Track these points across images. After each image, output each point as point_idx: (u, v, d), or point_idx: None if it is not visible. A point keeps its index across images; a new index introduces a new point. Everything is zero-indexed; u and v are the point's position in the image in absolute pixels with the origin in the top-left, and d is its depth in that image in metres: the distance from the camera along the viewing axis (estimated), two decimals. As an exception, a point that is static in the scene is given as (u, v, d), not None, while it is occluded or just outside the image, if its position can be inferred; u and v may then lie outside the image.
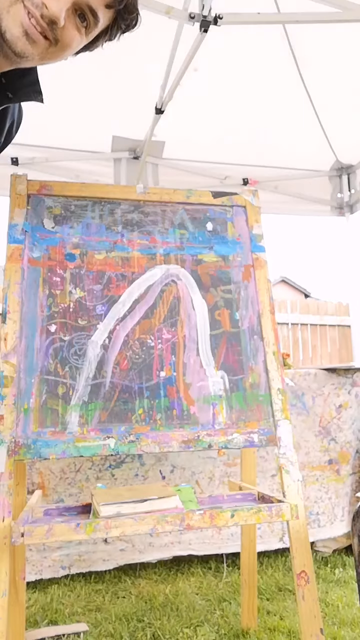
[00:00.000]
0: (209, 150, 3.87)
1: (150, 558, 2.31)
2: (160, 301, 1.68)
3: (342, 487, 2.53)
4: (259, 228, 1.83)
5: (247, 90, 3.37)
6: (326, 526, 2.49)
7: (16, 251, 1.61)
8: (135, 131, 3.65)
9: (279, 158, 4.03)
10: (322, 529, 2.47)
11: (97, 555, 2.25)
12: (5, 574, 1.31)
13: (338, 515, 2.52)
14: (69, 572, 2.23)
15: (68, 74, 3.17)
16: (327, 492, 2.51)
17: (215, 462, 2.37)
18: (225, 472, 2.38)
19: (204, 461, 2.35)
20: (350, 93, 3.39)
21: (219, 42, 2.58)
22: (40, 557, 2.20)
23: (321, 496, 2.50)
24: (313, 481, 2.49)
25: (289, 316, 6.50)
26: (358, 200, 4.22)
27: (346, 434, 2.53)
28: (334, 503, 2.52)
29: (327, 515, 2.50)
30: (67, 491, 2.20)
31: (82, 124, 3.51)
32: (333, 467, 2.52)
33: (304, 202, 4.24)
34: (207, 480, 2.35)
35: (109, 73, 3.21)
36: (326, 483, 2.51)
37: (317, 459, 2.49)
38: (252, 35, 2.97)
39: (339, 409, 2.51)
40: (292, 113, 3.59)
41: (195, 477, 2.34)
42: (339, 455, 2.52)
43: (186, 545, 2.33)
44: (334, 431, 2.51)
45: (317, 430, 2.48)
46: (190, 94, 3.07)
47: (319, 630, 1.43)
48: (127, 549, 2.28)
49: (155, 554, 2.31)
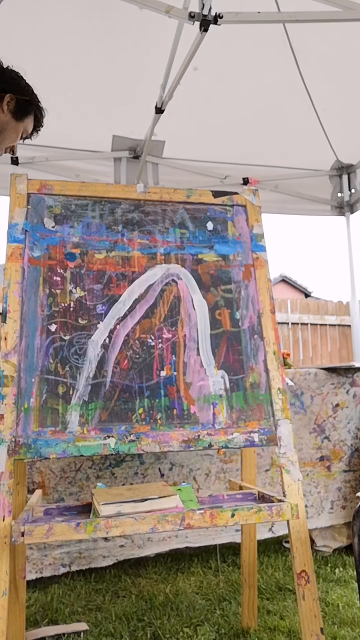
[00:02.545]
0: (209, 149, 3.87)
1: (148, 552, 2.34)
2: (161, 301, 1.68)
3: (332, 482, 2.58)
4: (260, 227, 1.83)
5: (247, 90, 3.37)
6: (313, 517, 2.55)
7: (16, 250, 1.60)
8: (135, 130, 3.65)
9: (279, 158, 4.02)
10: (309, 520, 2.52)
11: (97, 552, 2.26)
12: (6, 574, 1.31)
13: (326, 507, 2.58)
14: (69, 570, 2.23)
15: (68, 74, 3.17)
16: (316, 487, 2.56)
17: (212, 459, 2.40)
18: (222, 468, 2.41)
19: (201, 458, 2.38)
20: (350, 93, 3.39)
21: (219, 42, 2.58)
22: (41, 555, 2.20)
23: (310, 490, 2.56)
24: (303, 476, 2.53)
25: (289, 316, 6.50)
26: (358, 199, 4.22)
27: (340, 432, 2.55)
28: (323, 497, 2.58)
29: (315, 507, 2.56)
30: (68, 490, 2.20)
31: (82, 124, 3.51)
32: (324, 463, 2.56)
33: (304, 202, 4.24)
34: (203, 476, 2.38)
35: (109, 72, 3.21)
36: (316, 478, 2.56)
37: (309, 455, 2.53)
38: (252, 35, 2.97)
39: (336, 408, 2.53)
40: (292, 113, 3.59)
41: (193, 474, 2.37)
42: (331, 453, 2.56)
43: (183, 539, 2.37)
44: (328, 430, 2.54)
45: (311, 428, 2.51)
46: (190, 93, 3.06)
47: (319, 629, 1.43)
48: (126, 544, 2.31)
49: (153, 548, 2.35)
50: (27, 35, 2.93)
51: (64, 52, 3.04)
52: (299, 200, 4.21)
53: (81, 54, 3.08)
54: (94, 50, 3.08)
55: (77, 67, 3.14)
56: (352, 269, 4.28)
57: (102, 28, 2.95)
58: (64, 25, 2.91)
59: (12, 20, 2.79)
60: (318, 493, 2.56)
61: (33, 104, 1.85)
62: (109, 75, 3.23)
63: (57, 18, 2.86)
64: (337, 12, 2.31)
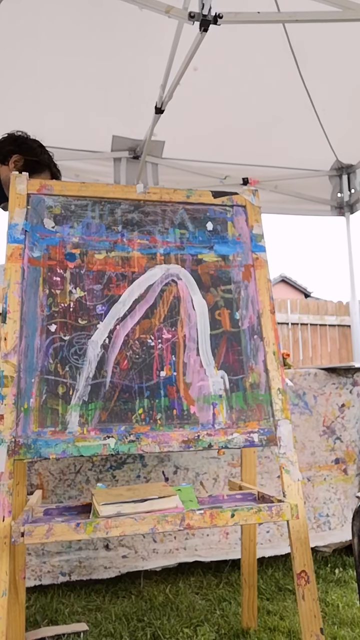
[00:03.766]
0: (209, 150, 3.87)
1: (154, 565, 2.22)
2: (161, 301, 1.68)
3: (350, 487, 2.49)
4: (259, 228, 1.83)
5: (247, 90, 3.37)
6: (337, 529, 2.43)
7: (16, 251, 1.60)
8: (135, 131, 3.65)
9: (279, 158, 4.03)
10: (333, 531, 2.41)
11: (98, 562, 2.18)
12: (5, 574, 1.31)
13: (348, 517, 2.47)
14: (69, 579, 2.15)
15: (68, 74, 3.17)
16: (335, 493, 2.47)
17: (220, 462, 2.34)
18: (230, 472, 2.35)
19: (208, 462, 2.32)
20: (350, 93, 3.39)
21: (219, 42, 2.58)
22: (40, 562, 2.13)
23: (330, 497, 2.45)
24: (321, 481, 2.44)
25: (289, 316, 6.50)
26: (358, 199, 4.22)
27: (351, 432, 2.51)
28: (344, 504, 2.47)
29: (337, 517, 2.45)
30: (67, 493, 2.17)
31: (82, 124, 3.51)
32: (340, 466, 2.48)
33: (304, 202, 4.24)
34: (211, 481, 2.32)
35: (109, 73, 3.21)
36: (334, 483, 2.46)
37: (323, 458, 2.46)
38: (252, 35, 2.97)
39: (342, 408, 2.49)
40: (292, 113, 3.59)
41: (200, 478, 2.31)
42: (345, 454, 2.49)
43: (192, 552, 2.26)
44: (338, 430, 2.47)
45: (321, 430, 2.46)
46: (190, 93, 3.06)
47: (319, 630, 1.43)
48: (129, 555, 2.21)
49: (159, 561, 2.23)
50: (27, 35, 2.93)
51: (64, 52, 3.04)
52: (298, 200, 4.21)
53: (81, 54, 3.08)
54: (94, 51, 3.08)
55: (77, 67, 3.15)
56: (352, 269, 4.29)
57: (102, 28, 2.95)
58: (64, 25, 2.91)
59: (12, 20, 2.79)
60: (338, 500, 2.44)
61: (42, 163, 2.19)
62: (109, 75, 3.23)
63: (57, 18, 2.86)
64: (337, 12, 2.32)
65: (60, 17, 2.85)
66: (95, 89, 3.28)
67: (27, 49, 3.01)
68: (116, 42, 3.03)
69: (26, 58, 3.04)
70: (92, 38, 3.00)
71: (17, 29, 2.87)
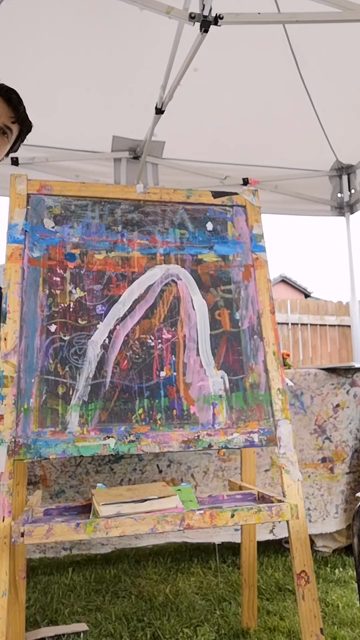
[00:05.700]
0: (209, 150, 3.87)
1: (146, 544, 2.40)
2: (160, 301, 1.68)
3: (336, 484, 2.55)
4: (259, 228, 1.83)
5: (247, 90, 3.37)
6: (317, 522, 2.51)
7: (16, 251, 1.61)
8: (135, 131, 3.65)
9: (279, 158, 4.03)
10: (313, 524, 2.49)
11: (96, 540, 2.32)
12: (5, 574, 1.31)
13: (331, 512, 2.54)
14: (70, 553, 2.30)
15: (68, 74, 3.18)
16: (319, 489, 2.53)
17: (211, 457, 2.41)
18: (220, 466, 2.42)
19: (200, 456, 2.39)
20: (350, 93, 3.39)
21: (219, 42, 2.58)
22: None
23: (313, 492, 2.52)
24: (305, 478, 2.51)
25: (288, 316, 6.50)
26: (358, 200, 4.22)
27: (342, 433, 2.54)
28: (327, 500, 2.54)
29: (318, 511, 2.52)
30: (68, 483, 2.25)
31: (82, 124, 3.51)
32: (327, 465, 2.53)
33: (304, 202, 4.24)
34: (201, 474, 2.39)
35: (109, 73, 3.21)
36: (318, 480, 2.53)
37: (310, 456, 2.51)
38: (252, 36, 2.97)
39: (336, 409, 2.52)
40: (292, 113, 3.59)
41: (191, 471, 2.38)
42: (333, 454, 2.54)
43: (180, 533, 2.39)
44: (329, 430, 2.53)
45: (312, 429, 2.50)
46: (190, 93, 3.07)
47: (319, 630, 1.43)
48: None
49: (151, 540, 2.39)
50: (27, 35, 2.93)
51: (64, 52, 3.04)
52: (298, 200, 4.21)
53: (81, 55, 3.08)
54: (94, 51, 3.08)
55: (77, 67, 3.15)
56: (351, 269, 4.29)
57: (102, 28, 2.95)
58: (64, 25, 2.91)
59: (13, 20, 2.80)
60: (321, 496, 2.53)
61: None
62: (109, 75, 3.23)
63: (57, 18, 2.86)
64: (337, 12, 2.32)
65: (60, 17, 2.86)
66: (95, 89, 3.29)
67: (27, 49, 3.01)
68: (117, 43, 3.04)
69: (27, 58, 3.05)
70: (93, 38, 3.00)
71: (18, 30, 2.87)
